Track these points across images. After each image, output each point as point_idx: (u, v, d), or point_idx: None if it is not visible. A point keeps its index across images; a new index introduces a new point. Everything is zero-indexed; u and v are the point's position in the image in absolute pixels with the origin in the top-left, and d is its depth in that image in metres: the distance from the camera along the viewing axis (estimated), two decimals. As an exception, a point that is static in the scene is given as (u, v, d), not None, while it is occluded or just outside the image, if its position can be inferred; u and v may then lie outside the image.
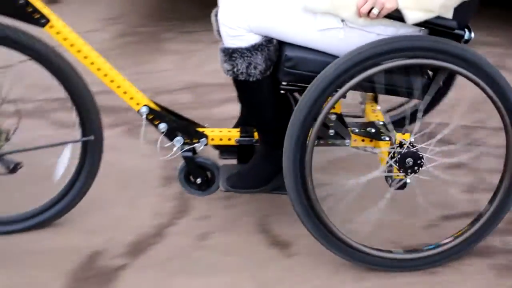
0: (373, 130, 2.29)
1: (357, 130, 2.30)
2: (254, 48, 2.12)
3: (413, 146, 2.18)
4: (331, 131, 2.24)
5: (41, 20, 2.22)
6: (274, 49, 2.15)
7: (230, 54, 2.14)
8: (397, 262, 2.29)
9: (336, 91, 2.05)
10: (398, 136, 2.22)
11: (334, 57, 2.08)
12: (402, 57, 2.03)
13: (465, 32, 2.09)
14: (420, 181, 2.29)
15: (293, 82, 2.16)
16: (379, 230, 2.45)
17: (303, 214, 2.19)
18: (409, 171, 2.18)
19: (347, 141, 2.28)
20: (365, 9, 1.97)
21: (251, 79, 2.15)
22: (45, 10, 2.23)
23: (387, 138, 2.26)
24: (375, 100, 2.59)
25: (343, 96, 2.07)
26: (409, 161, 2.16)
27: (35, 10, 2.20)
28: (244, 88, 2.23)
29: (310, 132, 2.09)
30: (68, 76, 2.31)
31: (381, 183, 2.29)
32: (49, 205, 2.52)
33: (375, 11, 1.97)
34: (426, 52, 2.03)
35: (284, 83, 2.17)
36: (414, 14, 2.00)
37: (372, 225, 2.39)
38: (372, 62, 2.02)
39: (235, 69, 2.14)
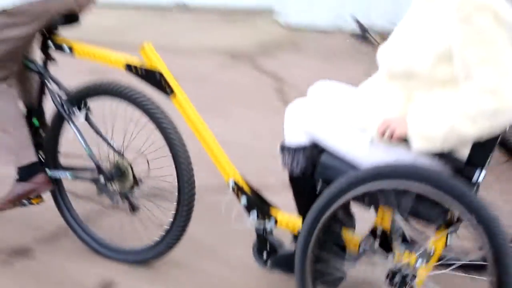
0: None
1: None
2: (301, 148, 2.44)
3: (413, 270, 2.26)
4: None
5: (168, 91, 2.77)
6: (317, 153, 2.42)
7: (282, 148, 2.50)
8: None
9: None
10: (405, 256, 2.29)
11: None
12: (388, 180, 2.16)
13: (475, 172, 2.12)
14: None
15: (325, 183, 2.37)
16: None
17: None
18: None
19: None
20: (380, 130, 2.16)
21: (294, 174, 2.48)
22: (172, 83, 2.78)
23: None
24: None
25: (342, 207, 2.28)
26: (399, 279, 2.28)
27: (166, 82, 2.76)
28: (291, 180, 2.52)
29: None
30: (173, 139, 2.82)
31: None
32: (152, 246, 3.03)
33: (386, 134, 2.14)
34: (417, 181, 2.11)
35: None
36: (419, 143, 2.09)
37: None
38: (362, 183, 2.20)
39: (283, 162, 2.49)
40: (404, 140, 2.13)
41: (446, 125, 2.05)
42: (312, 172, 2.43)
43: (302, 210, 2.53)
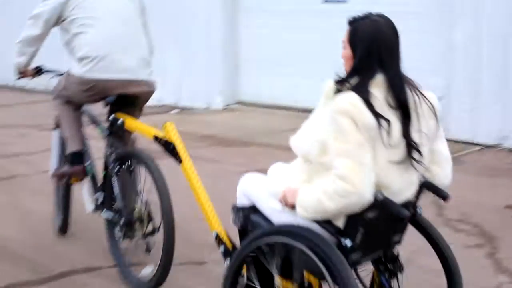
0: None
1: None
2: (241, 208, 3.16)
3: None
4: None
5: (178, 159, 3.69)
6: (253, 212, 3.11)
7: (232, 207, 3.21)
8: None
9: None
10: None
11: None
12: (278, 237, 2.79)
13: (346, 239, 2.70)
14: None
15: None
16: None
17: None
18: None
19: None
20: (279, 197, 2.86)
21: (238, 227, 3.20)
22: (182, 154, 3.68)
23: None
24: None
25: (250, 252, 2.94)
26: None
27: (177, 153, 3.68)
28: (238, 232, 3.24)
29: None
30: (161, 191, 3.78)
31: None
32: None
33: (282, 201, 2.84)
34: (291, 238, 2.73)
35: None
36: (299, 211, 2.73)
37: None
38: (261, 237, 2.86)
39: (232, 219, 3.20)
40: (293, 207, 2.77)
41: (314, 200, 2.66)
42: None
43: None
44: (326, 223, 2.74)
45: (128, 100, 4.28)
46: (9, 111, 10.27)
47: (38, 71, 4.63)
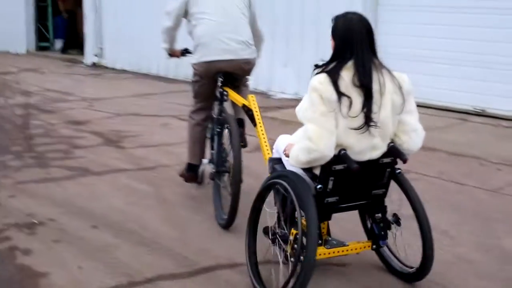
0: None
1: None
2: (272, 159, 4.27)
3: None
4: None
5: (253, 123, 4.89)
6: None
7: (269, 159, 4.38)
8: None
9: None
10: None
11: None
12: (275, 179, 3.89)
13: (318, 184, 3.70)
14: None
15: None
16: None
17: None
18: None
19: None
20: (282, 149, 3.99)
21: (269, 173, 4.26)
22: (257, 119, 4.85)
23: None
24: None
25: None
26: None
27: (253, 118, 4.90)
28: None
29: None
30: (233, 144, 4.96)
31: None
32: None
33: (284, 155, 3.93)
34: (280, 178, 3.83)
35: None
36: (291, 162, 3.76)
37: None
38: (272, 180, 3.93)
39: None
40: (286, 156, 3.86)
41: (295, 153, 3.67)
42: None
43: None
44: (307, 171, 3.77)
45: (232, 75, 5.35)
46: (152, 100, 10.57)
47: (184, 52, 5.75)
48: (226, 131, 5.13)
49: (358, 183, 3.81)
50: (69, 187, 5.89)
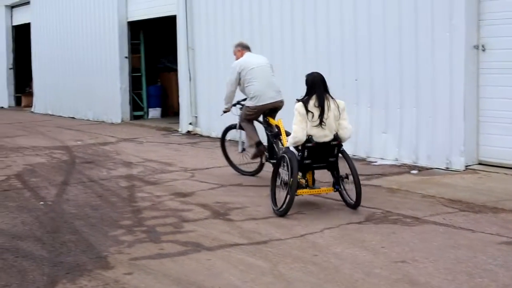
0: None
1: None
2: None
3: None
4: None
5: (280, 134, 9.03)
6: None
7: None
8: None
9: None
10: None
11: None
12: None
13: (299, 153, 7.56)
14: None
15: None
16: None
17: None
18: None
19: None
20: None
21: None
22: (282, 132, 8.91)
23: None
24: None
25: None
26: None
27: (280, 131, 9.02)
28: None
29: None
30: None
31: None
32: None
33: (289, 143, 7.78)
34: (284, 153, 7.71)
35: None
36: (289, 145, 7.73)
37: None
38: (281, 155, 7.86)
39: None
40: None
41: (289, 140, 7.66)
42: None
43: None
44: (296, 149, 7.52)
45: (271, 110, 9.42)
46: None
47: (234, 105, 9.69)
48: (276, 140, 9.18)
49: (320, 154, 7.59)
50: (184, 264, 5.86)
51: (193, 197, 8.55)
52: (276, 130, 9.00)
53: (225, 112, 9.70)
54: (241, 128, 9.64)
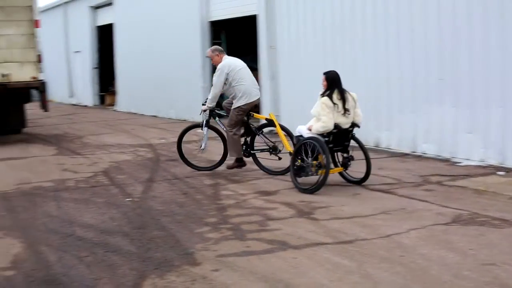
0: None
1: None
2: (297, 136, 9.48)
3: None
4: None
5: (274, 126, 10.23)
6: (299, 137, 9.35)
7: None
8: None
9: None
10: None
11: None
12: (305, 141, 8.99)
13: (325, 138, 8.85)
14: None
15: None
16: None
17: None
18: None
19: None
20: (308, 127, 9.05)
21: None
22: (276, 124, 10.11)
23: None
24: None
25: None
26: None
27: (274, 124, 10.23)
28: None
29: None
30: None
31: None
32: None
33: (308, 129, 9.07)
34: (309, 139, 8.90)
35: None
36: (314, 131, 8.82)
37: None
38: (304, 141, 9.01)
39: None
40: (310, 131, 8.88)
41: (317, 127, 8.77)
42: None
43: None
44: (321, 135, 8.76)
45: (255, 107, 10.40)
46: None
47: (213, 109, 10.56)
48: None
49: (339, 138, 8.90)
50: (270, 261, 5.90)
51: (277, 195, 8.61)
52: (266, 122, 10.22)
53: (204, 111, 10.42)
54: (209, 126, 10.55)
